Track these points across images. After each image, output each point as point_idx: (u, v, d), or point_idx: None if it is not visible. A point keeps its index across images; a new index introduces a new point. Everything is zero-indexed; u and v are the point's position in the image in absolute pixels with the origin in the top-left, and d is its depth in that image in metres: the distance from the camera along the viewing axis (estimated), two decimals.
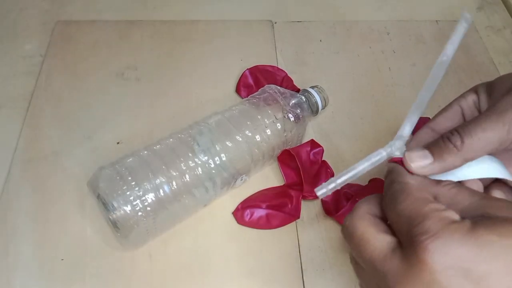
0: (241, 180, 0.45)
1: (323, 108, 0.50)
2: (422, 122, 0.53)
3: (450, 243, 0.25)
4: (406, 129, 0.34)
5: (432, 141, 0.32)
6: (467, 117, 0.36)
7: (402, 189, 0.30)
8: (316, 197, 0.46)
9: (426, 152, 0.32)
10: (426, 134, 0.35)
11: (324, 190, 0.33)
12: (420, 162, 0.31)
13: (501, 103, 0.32)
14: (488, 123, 0.31)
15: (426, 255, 0.25)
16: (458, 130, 0.31)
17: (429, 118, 0.53)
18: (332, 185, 0.33)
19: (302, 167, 0.46)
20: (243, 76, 0.55)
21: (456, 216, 0.27)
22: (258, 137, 0.44)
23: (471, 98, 0.36)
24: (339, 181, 0.33)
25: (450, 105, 0.37)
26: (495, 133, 0.31)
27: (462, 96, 0.37)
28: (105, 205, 0.38)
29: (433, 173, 0.32)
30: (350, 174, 0.33)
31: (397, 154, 0.33)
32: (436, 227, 0.26)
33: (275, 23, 0.62)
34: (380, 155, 0.33)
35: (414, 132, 0.38)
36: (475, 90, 0.36)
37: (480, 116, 0.32)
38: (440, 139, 0.32)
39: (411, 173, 0.31)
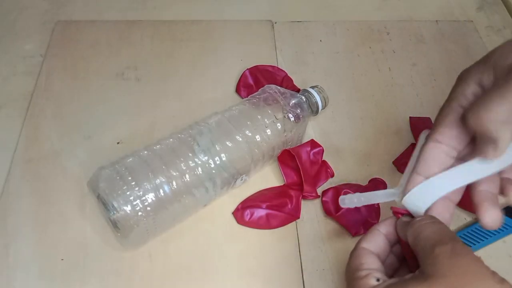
0: (241, 180, 0.45)
1: (323, 108, 0.50)
2: (421, 122, 0.53)
3: None
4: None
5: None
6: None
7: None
8: (316, 197, 0.46)
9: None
10: (437, 154, 0.34)
11: (347, 201, 0.37)
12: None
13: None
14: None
15: None
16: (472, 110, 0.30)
17: (429, 118, 0.53)
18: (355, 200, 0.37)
19: (302, 167, 0.46)
20: (243, 76, 0.55)
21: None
22: (258, 137, 0.44)
23: (471, 91, 0.33)
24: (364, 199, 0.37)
25: (450, 109, 0.34)
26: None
27: (460, 94, 0.33)
28: (105, 205, 0.38)
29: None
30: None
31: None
32: None
33: (275, 23, 0.62)
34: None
35: (413, 132, 0.37)
36: (476, 82, 0.33)
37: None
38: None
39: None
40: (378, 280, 0.30)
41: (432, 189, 0.33)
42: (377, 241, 0.34)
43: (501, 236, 0.42)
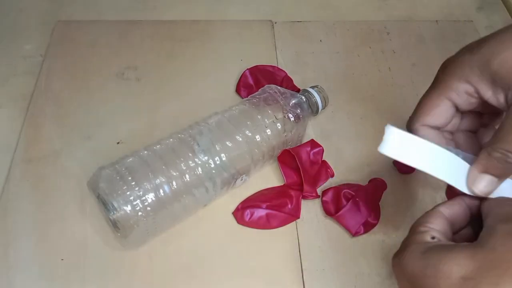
0: (241, 180, 0.45)
1: (323, 108, 0.50)
2: None
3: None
4: None
5: (487, 163, 0.32)
6: (460, 107, 0.35)
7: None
8: (316, 197, 0.46)
9: (491, 177, 0.32)
10: (431, 134, 0.35)
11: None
12: (489, 188, 0.32)
13: None
14: None
15: None
16: (510, 149, 0.30)
17: None
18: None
19: (302, 167, 0.46)
20: (243, 76, 0.55)
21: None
22: (258, 137, 0.44)
23: (464, 90, 0.33)
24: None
25: (437, 99, 0.35)
26: None
27: (451, 89, 0.34)
28: (105, 205, 0.38)
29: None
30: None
31: None
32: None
33: (275, 23, 0.62)
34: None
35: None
36: (466, 79, 0.33)
37: None
38: (497, 162, 0.31)
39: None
40: (433, 238, 0.30)
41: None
42: (455, 208, 0.33)
43: None
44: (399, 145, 0.32)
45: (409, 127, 0.36)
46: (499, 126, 0.31)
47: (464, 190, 0.33)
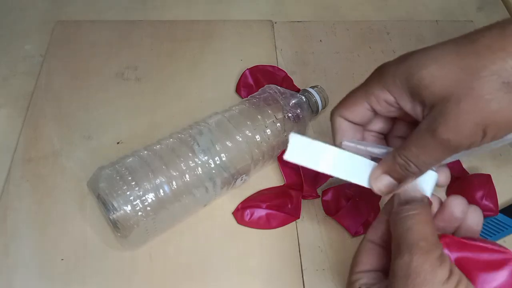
0: (241, 180, 0.45)
1: (323, 108, 0.50)
2: None
3: None
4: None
5: (390, 166, 0.33)
6: (379, 112, 0.35)
7: None
8: (316, 197, 0.46)
9: (391, 180, 0.33)
10: (346, 126, 0.37)
11: (352, 144, 0.35)
12: (387, 189, 0.33)
13: (442, 133, 0.29)
14: (439, 154, 0.31)
15: None
16: (413, 161, 0.31)
17: None
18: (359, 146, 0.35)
19: (302, 167, 0.46)
20: (243, 76, 0.55)
21: None
22: (258, 137, 0.44)
23: (384, 98, 0.33)
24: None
25: (356, 98, 0.36)
26: (446, 158, 0.31)
27: (372, 94, 0.34)
28: (105, 205, 0.38)
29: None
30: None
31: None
32: None
33: (275, 23, 0.62)
34: None
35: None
36: (387, 88, 0.33)
37: (427, 145, 0.30)
38: (399, 168, 0.32)
39: None
40: None
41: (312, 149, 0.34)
42: (382, 228, 0.33)
43: (501, 236, 0.42)
44: (302, 151, 0.33)
45: (331, 115, 0.38)
46: (409, 136, 0.32)
47: (367, 185, 0.34)
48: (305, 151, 0.33)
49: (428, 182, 0.34)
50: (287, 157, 0.33)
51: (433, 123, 0.30)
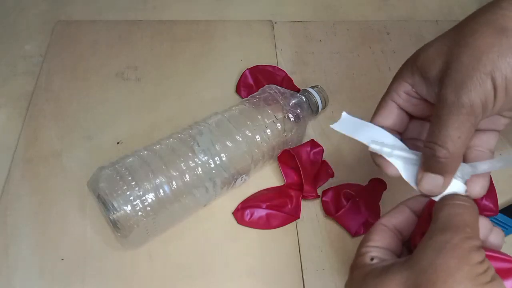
0: (241, 180, 0.45)
1: (323, 108, 0.50)
2: None
3: None
4: (483, 167, 0.33)
5: (424, 162, 0.32)
6: (406, 109, 0.35)
7: None
8: (316, 197, 0.46)
9: (433, 175, 0.32)
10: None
11: (378, 147, 0.34)
12: (433, 187, 0.32)
13: (450, 93, 0.29)
14: (455, 120, 0.30)
15: None
16: (436, 141, 0.31)
17: None
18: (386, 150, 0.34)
19: (302, 167, 0.46)
20: (243, 76, 0.55)
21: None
22: (258, 137, 0.44)
23: (403, 90, 0.34)
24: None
25: (383, 102, 0.36)
26: (467, 125, 0.30)
27: (393, 90, 0.35)
28: (105, 205, 0.38)
29: (450, 182, 0.32)
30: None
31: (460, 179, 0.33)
32: None
33: (275, 23, 0.62)
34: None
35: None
36: (403, 79, 0.34)
37: (442, 116, 0.30)
38: (430, 158, 0.31)
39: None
40: (372, 259, 0.30)
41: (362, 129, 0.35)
42: (398, 217, 0.32)
43: None
44: (349, 124, 0.35)
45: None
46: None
47: (415, 188, 0.34)
48: (351, 124, 0.35)
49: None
50: (333, 125, 0.35)
51: (442, 92, 0.30)
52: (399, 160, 0.34)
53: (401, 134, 0.37)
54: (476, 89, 0.29)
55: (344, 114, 0.36)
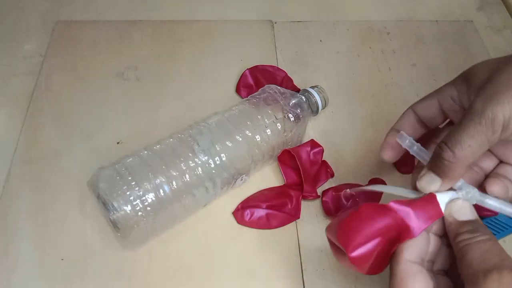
0: (241, 180, 0.45)
1: (323, 108, 0.50)
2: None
3: None
4: (493, 203, 0.34)
5: (431, 161, 0.33)
6: (444, 111, 0.37)
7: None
8: (316, 197, 0.46)
9: (433, 175, 0.33)
10: (410, 119, 0.40)
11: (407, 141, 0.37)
12: (432, 187, 0.33)
13: (478, 103, 0.31)
14: (472, 127, 0.30)
15: None
16: (447, 142, 0.31)
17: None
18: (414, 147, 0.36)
19: (302, 167, 0.46)
20: (243, 76, 0.55)
21: None
22: (258, 137, 0.44)
23: (448, 93, 0.36)
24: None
25: (430, 96, 0.38)
26: (482, 136, 0.31)
27: (441, 90, 0.37)
28: (105, 205, 0.38)
29: (446, 188, 0.33)
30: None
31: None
32: None
33: (275, 23, 0.62)
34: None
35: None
36: (453, 83, 0.36)
37: (463, 121, 0.31)
38: (437, 158, 0.32)
39: None
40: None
41: None
42: (420, 245, 0.32)
43: (501, 236, 0.42)
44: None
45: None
46: None
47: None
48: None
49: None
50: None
51: (473, 100, 0.31)
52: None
53: (427, 127, 0.40)
54: (503, 105, 0.29)
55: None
